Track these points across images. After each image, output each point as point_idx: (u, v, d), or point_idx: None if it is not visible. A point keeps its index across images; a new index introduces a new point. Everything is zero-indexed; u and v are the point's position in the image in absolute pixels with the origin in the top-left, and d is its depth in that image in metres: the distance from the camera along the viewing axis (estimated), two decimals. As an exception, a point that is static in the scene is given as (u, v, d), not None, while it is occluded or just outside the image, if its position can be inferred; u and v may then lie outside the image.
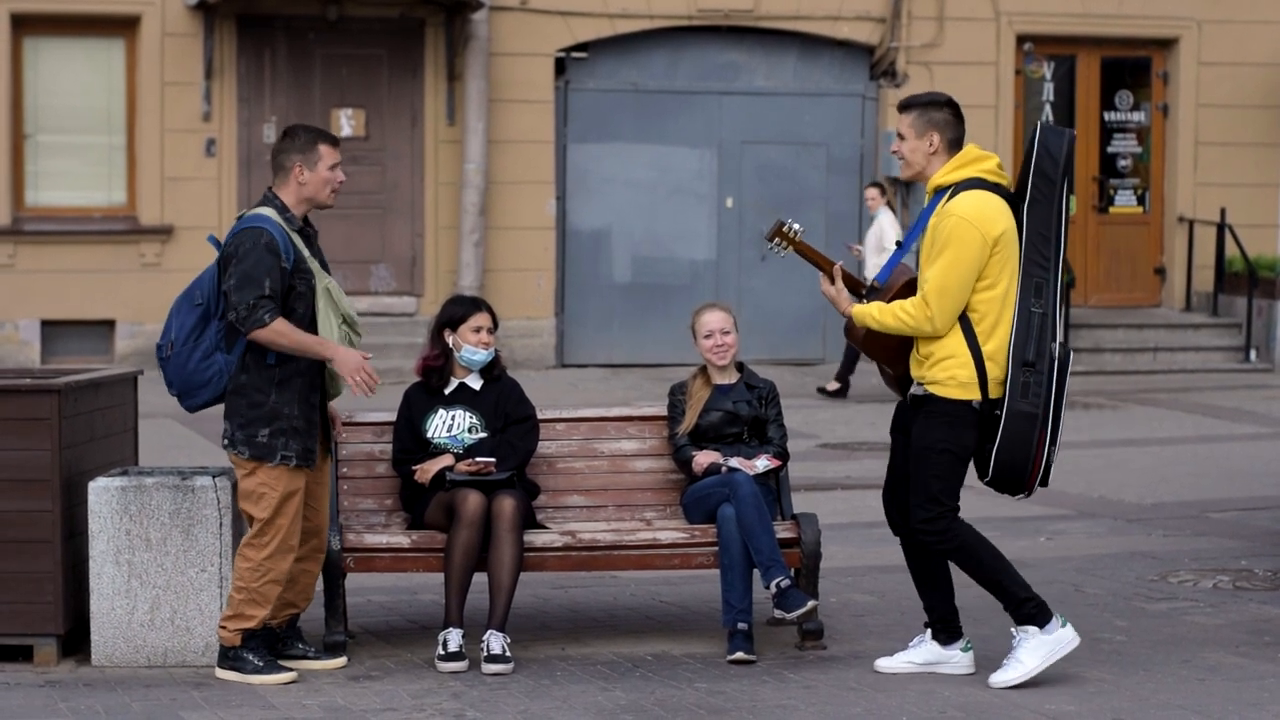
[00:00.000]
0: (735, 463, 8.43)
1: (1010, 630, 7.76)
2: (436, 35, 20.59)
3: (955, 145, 7.73)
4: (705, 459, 8.50)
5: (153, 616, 7.99)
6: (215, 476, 8.09)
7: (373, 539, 8.27)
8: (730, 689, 7.68)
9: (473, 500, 8.08)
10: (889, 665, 7.95)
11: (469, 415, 8.44)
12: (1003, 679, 7.64)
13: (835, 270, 7.85)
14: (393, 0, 20.34)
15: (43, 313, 19.90)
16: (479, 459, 8.25)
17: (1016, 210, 7.64)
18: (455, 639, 8.01)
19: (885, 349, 7.84)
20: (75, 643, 8.21)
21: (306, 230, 7.95)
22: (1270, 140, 22.21)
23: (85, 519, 8.05)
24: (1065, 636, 7.69)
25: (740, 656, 8.09)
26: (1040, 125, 7.73)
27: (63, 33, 20.19)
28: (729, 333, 8.68)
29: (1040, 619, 7.68)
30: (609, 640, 8.59)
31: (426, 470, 8.30)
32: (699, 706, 7.41)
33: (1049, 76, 22.30)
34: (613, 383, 19.91)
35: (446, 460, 8.32)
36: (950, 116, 7.73)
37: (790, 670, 8.00)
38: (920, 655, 7.94)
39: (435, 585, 8.93)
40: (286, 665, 7.89)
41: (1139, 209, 22.64)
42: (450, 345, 8.46)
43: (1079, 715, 7.26)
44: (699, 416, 8.62)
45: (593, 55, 21.17)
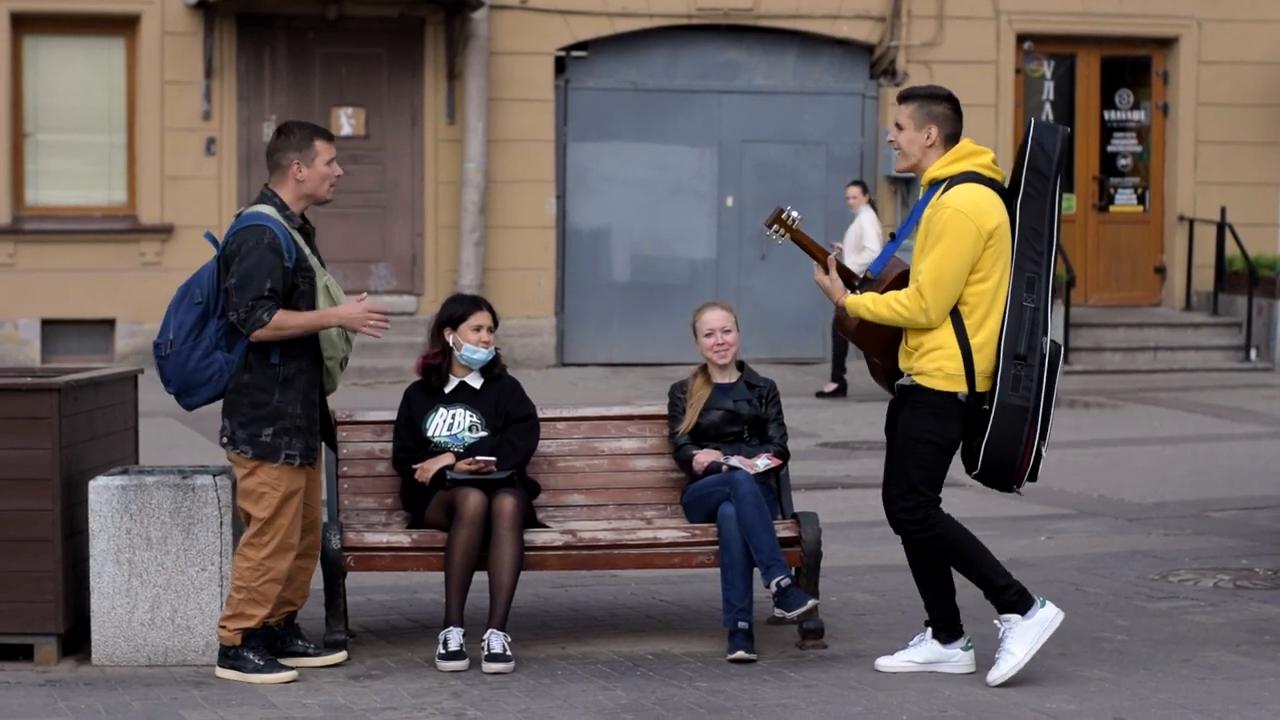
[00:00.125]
0: (736, 462, 8.43)
1: (994, 623, 7.75)
2: (436, 34, 20.59)
3: (952, 140, 7.75)
4: (706, 458, 8.50)
5: (153, 615, 7.98)
6: (216, 475, 8.08)
7: (373, 538, 8.26)
8: (731, 688, 7.67)
9: (473, 499, 8.08)
10: (889, 664, 7.95)
11: (469, 414, 8.43)
12: (998, 674, 7.64)
13: (830, 260, 7.86)
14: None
15: (43, 312, 19.89)
16: (479, 458, 8.24)
17: (1010, 205, 7.66)
18: (456, 638, 8.00)
19: (878, 340, 7.84)
20: (75, 642, 8.20)
21: (305, 227, 7.94)
22: (1270, 139, 22.20)
23: (85, 518, 8.04)
24: (1048, 616, 7.68)
25: (741, 655, 8.08)
26: (1035, 121, 7.75)
27: (63, 32, 20.18)
28: (730, 331, 8.68)
29: (1021, 605, 7.67)
30: (609, 639, 8.59)
31: (427, 469, 8.29)
32: (699, 705, 7.41)
33: (1049, 75, 22.30)
34: (613, 382, 19.89)
35: (447, 459, 8.31)
36: (949, 111, 7.75)
37: (791, 669, 7.99)
38: (921, 654, 7.93)
39: (436, 584, 8.92)
40: (286, 663, 7.89)
41: (1139, 208, 22.63)
42: (450, 344, 8.45)
43: (1079, 714, 7.25)
44: (699, 415, 8.62)
45: (592, 54, 21.16)
